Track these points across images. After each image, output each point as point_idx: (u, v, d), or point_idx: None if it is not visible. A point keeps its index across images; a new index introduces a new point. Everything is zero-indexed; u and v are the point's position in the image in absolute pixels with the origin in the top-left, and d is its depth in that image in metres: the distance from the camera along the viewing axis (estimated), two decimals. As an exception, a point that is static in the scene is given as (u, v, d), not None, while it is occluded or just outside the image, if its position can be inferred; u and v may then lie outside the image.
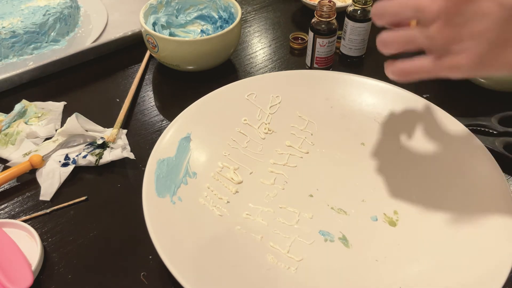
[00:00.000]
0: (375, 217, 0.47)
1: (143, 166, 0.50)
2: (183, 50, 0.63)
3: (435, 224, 0.45)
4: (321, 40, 0.64)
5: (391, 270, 0.42)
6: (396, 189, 0.49)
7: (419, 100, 0.54)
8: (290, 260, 0.43)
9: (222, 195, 0.48)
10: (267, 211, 0.48)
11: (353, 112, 0.56)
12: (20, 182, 0.53)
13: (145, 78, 0.68)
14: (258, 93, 0.57)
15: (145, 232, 0.41)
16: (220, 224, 0.46)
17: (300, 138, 0.55)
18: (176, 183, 0.47)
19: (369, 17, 0.66)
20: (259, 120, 0.56)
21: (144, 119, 0.61)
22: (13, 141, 0.56)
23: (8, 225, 0.47)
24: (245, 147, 0.54)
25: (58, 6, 0.73)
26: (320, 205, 0.49)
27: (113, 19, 0.80)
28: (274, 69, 0.70)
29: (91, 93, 0.66)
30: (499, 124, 0.57)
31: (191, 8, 0.74)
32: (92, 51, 0.70)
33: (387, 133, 0.54)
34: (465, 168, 0.48)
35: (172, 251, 0.40)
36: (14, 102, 0.61)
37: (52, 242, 0.47)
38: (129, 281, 0.43)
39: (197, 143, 0.52)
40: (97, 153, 0.54)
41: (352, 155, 0.54)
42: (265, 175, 0.52)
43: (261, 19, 0.82)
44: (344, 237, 0.46)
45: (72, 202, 0.50)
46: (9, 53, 0.69)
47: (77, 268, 0.45)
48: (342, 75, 0.58)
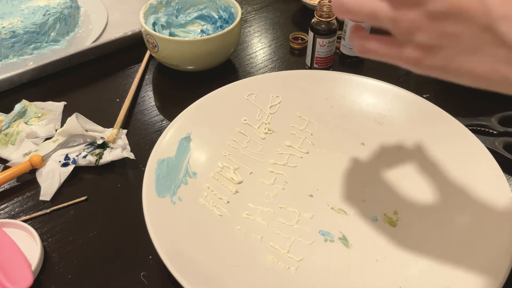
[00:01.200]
0: (375, 217, 0.47)
1: (143, 166, 0.50)
2: (183, 50, 0.63)
3: (435, 224, 0.45)
4: (321, 40, 0.64)
5: (391, 270, 0.42)
6: (396, 189, 0.49)
7: (419, 100, 0.54)
8: (290, 260, 0.43)
9: (222, 195, 0.48)
10: (267, 211, 0.48)
11: (353, 112, 0.56)
12: (20, 182, 0.53)
13: (145, 78, 0.68)
14: (258, 93, 0.57)
15: (145, 232, 0.41)
16: (220, 224, 0.46)
17: (300, 138, 0.55)
18: (176, 183, 0.47)
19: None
20: (259, 120, 0.56)
21: (144, 119, 0.61)
22: (13, 141, 0.56)
23: (8, 225, 0.47)
24: (245, 147, 0.54)
25: (58, 6, 0.73)
26: (320, 205, 0.49)
27: (113, 19, 0.80)
28: (274, 69, 0.70)
29: (91, 93, 0.66)
30: (499, 124, 0.57)
31: (191, 8, 0.74)
32: (92, 51, 0.70)
33: (387, 133, 0.54)
34: (465, 168, 0.48)
35: (172, 251, 0.40)
36: (14, 102, 0.61)
37: (52, 242, 0.47)
38: (129, 281, 0.43)
39: (197, 143, 0.52)
40: (97, 153, 0.54)
41: (352, 155, 0.54)
42: (265, 175, 0.52)
43: (261, 19, 0.82)
44: (344, 237, 0.46)
45: (72, 202, 0.50)
46: (9, 53, 0.69)
47: (77, 268, 0.45)
48: (342, 75, 0.58)
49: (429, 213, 0.46)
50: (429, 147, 0.51)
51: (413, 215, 0.47)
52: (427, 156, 0.51)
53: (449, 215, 0.45)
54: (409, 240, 0.45)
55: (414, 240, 0.44)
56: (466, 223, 0.44)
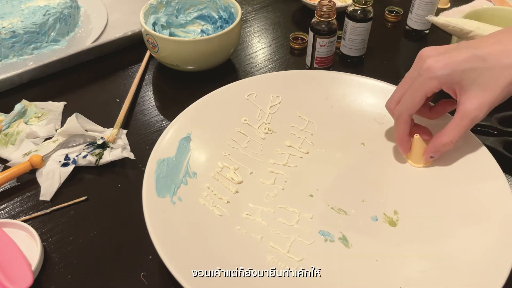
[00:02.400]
0: (375, 217, 0.47)
1: (143, 166, 0.50)
2: (183, 50, 0.63)
3: (435, 224, 0.45)
4: (321, 40, 0.64)
5: (391, 270, 0.42)
6: (396, 189, 0.49)
7: (419, 100, 0.54)
8: (290, 260, 0.43)
9: (222, 195, 0.48)
10: (267, 211, 0.48)
11: (353, 112, 0.56)
12: (20, 182, 0.53)
13: (145, 78, 0.68)
14: (258, 93, 0.57)
15: (145, 232, 0.41)
16: (220, 224, 0.46)
17: (300, 138, 0.55)
18: (176, 183, 0.47)
19: (369, 17, 0.66)
20: (259, 120, 0.56)
21: (144, 119, 0.61)
22: (13, 141, 0.56)
23: (8, 225, 0.47)
24: (245, 147, 0.54)
25: (58, 6, 0.73)
26: (320, 205, 0.49)
27: (113, 19, 0.80)
28: (274, 69, 0.70)
29: (91, 93, 0.66)
30: (499, 124, 0.57)
31: (191, 8, 0.74)
32: (92, 51, 0.70)
33: (387, 133, 0.54)
34: (465, 168, 0.48)
35: (172, 251, 0.40)
36: (14, 102, 0.61)
37: (52, 242, 0.47)
38: (129, 281, 0.43)
39: (197, 143, 0.52)
40: (97, 153, 0.54)
41: (352, 155, 0.53)
42: (265, 175, 0.52)
43: (261, 19, 0.82)
44: (344, 237, 0.46)
45: (72, 202, 0.50)
46: (9, 53, 0.69)
47: (77, 268, 0.45)
48: (342, 75, 0.58)
49: (429, 213, 0.46)
50: (429, 147, 0.51)
51: (413, 215, 0.47)
52: (427, 156, 0.51)
53: (449, 215, 0.45)
54: (409, 240, 0.45)
55: (414, 240, 0.44)
56: (466, 223, 0.44)
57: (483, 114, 0.43)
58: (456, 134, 0.45)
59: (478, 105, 0.43)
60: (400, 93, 0.48)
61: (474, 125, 0.45)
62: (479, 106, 0.43)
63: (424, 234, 0.45)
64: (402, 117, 0.48)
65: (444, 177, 0.48)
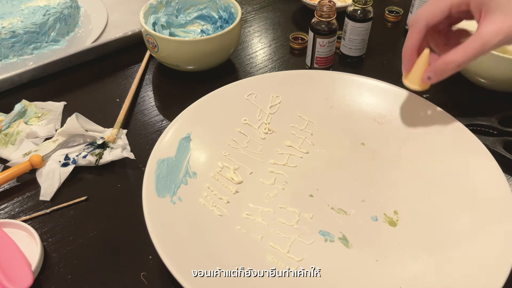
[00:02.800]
0: (375, 217, 0.47)
1: (143, 166, 0.50)
2: (183, 50, 0.63)
3: (435, 224, 0.45)
4: (321, 40, 0.64)
5: (391, 270, 0.42)
6: (396, 189, 0.49)
7: (419, 100, 0.54)
8: (290, 260, 0.43)
9: (222, 195, 0.48)
10: (267, 211, 0.48)
11: (353, 112, 0.56)
12: (20, 182, 0.53)
13: (145, 78, 0.68)
14: (258, 93, 0.57)
15: (145, 232, 0.41)
16: (220, 224, 0.46)
17: (300, 138, 0.55)
18: (176, 183, 0.47)
19: (369, 17, 0.66)
20: (259, 120, 0.56)
21: (144, 119, 0.61)
22: (13, 141, 0.56)
23: (8, 225, 0.47)
24: (245, 147, 0.54)
25: (58, 6, 0.73)
26: (320, 205, 0.49)
27: (113, 19, 0.80)
28: (274, 69, 0.70)
29: (91, 93, 0.66)
30: (499, 124, 0.57)
31: (191, 8, 0.74)
32: (92, 51, 0.70)
33: (387, 133, 0.54)
34: (465, 168, 0.48)
35: (172, 251, 0.40)
36: (14, 102, 0.61)
37: (52, 242, 0.47)
38: (129, 281, 0.43)
39: (197, 143, 0.52)
40: (97, 153, 0.54)
41: (352, 155, 0.54)
42: (265, 175, 0.52)
43: (261, 19, 0.82)
44: (344, 237, 0.46)
45: (72, 202, 0.50)
46: (9, 53, 0.69)
47: (77, 268, 0.45)
48: (342, 75, 0.58)
49: (429, 213, 0.46)
50: (429, 147, 0.51)
51: (413, 215, 0.47)
52: (427, 156, 0.51)
53: (449, 215, 0.45)
54: (409, 240, 0.45)
55: (414, 240, 0.44)
56: (466, 223, 0.44)
57: (497, 40, 0.41)
58: (462, 55, 0.42)
59: (496, 30, 0.40)
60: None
61: (484, 53, 0.42)
62: (496, 31, 0.40)
63: (424, 234, 0.45)
64: (418, 25, 0.43)
65: (444, 177, 0.48)
